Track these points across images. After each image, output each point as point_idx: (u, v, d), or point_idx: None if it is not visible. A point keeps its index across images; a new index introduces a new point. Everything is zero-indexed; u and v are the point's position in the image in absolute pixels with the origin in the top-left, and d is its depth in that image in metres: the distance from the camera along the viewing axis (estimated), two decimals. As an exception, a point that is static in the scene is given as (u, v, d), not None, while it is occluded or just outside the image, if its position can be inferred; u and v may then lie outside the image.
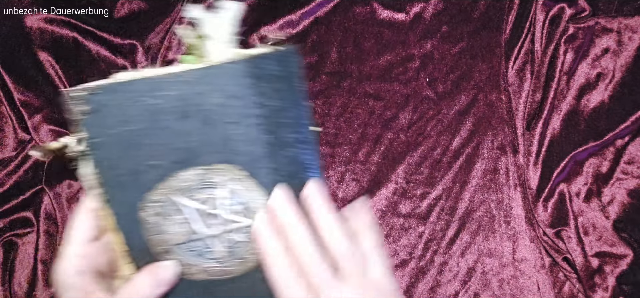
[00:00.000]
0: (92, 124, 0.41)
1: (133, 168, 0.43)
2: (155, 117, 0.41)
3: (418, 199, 0.70)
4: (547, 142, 0.71)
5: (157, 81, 0.41)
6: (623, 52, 0.70)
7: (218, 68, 0.41)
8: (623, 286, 0.67)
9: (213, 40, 0.45)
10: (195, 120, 0.42)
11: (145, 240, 0.45)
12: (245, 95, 0.41)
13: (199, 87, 0.41)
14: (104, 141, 0.42)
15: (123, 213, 0.44)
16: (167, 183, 0.43)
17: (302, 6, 0.72)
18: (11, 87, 0.70)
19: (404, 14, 0.72)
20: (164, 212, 0.45)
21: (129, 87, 0.41)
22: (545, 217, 0.70)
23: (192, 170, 0.43)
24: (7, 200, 0.70)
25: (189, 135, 0.42)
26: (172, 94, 0.41)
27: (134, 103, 0.41)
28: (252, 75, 0.41)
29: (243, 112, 0.42)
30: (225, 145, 0.43)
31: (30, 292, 0.69)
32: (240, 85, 0.41)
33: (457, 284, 0.68)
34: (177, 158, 0.43)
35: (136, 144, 0.42)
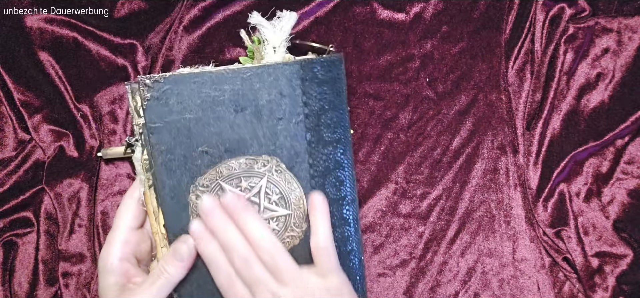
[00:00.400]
0: (153, 111, 0.45)
1: (186, 154, 0.46)
2: (213, 108, 0.45)
3: (418, 199, 0.70)
4: (547, 142, 0.71)
5: (219, 75, 0.45)
6: (623, 52, 0.70)
7: (273, 67, 0.45)
8: (623, 286, 0.67)
9: (270, 45, 0.49)
10: (249, 114, 0.46)
11: (187, 223, 0.48)
12: (294, 95, 0.46)
13: (255, 83, 0.45)
14: (162, 127, 0.45)
15: (170, 196, 0.47)
16: (216, 169, 0.47)
17: (302, 6, 0.72)
18: (11, 87, 0.70)
19: (404, 14, 0.72)
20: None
21: (193, 78, 0.45)
22: (545, 217, 0.70)
23: (240, 159, 0.47)
24: (7, 200, 0.70)
25: (241, 127, 0.46)
26: (231, 88, 0.45)
27: (195, 93, 0.45)
28: (301, 77, 0.45)
29: (290, 110, 0.46)
30: (271, 138, 0.47)
31: (30, 292, 0.69)
32: (291, 86, 0.45)
33: (457, 284, 0.69)
34: (229, 147, 0.46)
35: (192, 131, 0.46)
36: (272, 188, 0.48)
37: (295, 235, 0.50)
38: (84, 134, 0.71)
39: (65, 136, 0.71)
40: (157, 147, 0.46)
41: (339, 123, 0.49)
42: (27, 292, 0.69)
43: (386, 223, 0.70)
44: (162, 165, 0.46)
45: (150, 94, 0.45)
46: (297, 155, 0.48)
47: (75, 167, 0.71)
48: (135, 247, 0.50)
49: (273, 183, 0.48)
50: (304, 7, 0.72)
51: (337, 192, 0.50)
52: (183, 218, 0.48)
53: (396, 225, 0.70)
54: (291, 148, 0.47)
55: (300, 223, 0.49)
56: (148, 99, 0.45)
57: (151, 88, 0.44)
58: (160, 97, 0.45)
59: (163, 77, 0.44)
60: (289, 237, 0.49)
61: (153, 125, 0.45)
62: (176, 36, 0.71)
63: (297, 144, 0.47)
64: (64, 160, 0.71)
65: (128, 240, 0.50)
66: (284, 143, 0.47)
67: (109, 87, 0.72)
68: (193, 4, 0.72)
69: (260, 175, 0.47)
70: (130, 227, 0.50)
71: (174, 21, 0.71)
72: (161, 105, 0.45)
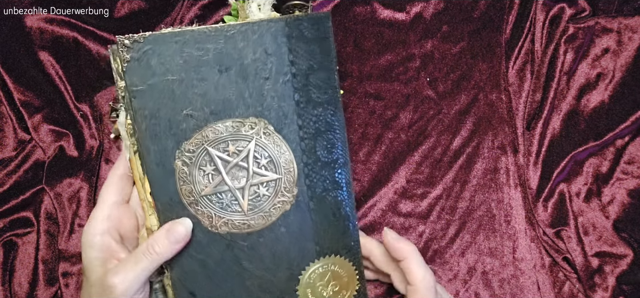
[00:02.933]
0: (134, 73, 0.43)
1: (170, 118, 0.45)
2: (196, 68, 0.43)
3: (418, 199, 0.70)
4: (547, 141, 0.71)
5: (202, 34, 0.43)
6: (623, 52, 0.70)
7: (258, 25, 0.43)
8: (623, 286, 0.67)
9: (254, 2, 0.47)
10: (234, 74, 0.44)
11: (174, 190, 0.47)
12: (280, 53, 0.44)
13: (240, 42, 0.43)
14: (144, 89, 0.44)
15: (155, 162, 0.46)
16: (202, 133, 0.45)
17: (303, 6, 0.72)
18: (11, 86, 0.70)
19: (404, 13, 0.72)
20: (195, 162, 0.46)
21: (175, 37, 0.43)
22: (545, 217, 0.70)
23: (227, 122, 0.45)
24: (7, 200, 0.70)
25: (226, 87, 0.44)
26: (214, 47, 0.43)
27: (177, 53, 0.43)
28: (288, 35, 0.44)
29: (277, 69, 0.44)
30: (258, 99, 0.45)
31: (30, 292, 0.69)
32: (276, 43, 0.44)
33: (458, 283, 0.69)
34: (214, 109, 0.45)
35: (175, 94, 0.44)
36: (260, 152, 0.47)
37: (286, 200, 0.49)
38: (84, 133, 0.71)
39: (65, 136, 0.71)
40: (140, 111, 0.44)
41: (328, 83, 0.47)
42: (27, 292, 0.69)
43: (386, 223, 0.70)
44: (146, 130, 0.45)
45: (130, 54, 0.43)
46: (285, 116, 0.46)
47: (75, 166, 0.70)
48: (119, 222, 0.49)
49: (261, 147, 0.47)
50: (304, 7, 0.72)
51: (329, 155, 0.49)
52: (170, 185, 0.47)
53: (396, 224, 0.70)
54: (279, 109, 0.46)
55: (291, 187, 0.48)
56: (128, 60, 0.43)
57: (130, 48, 0.43)
58: (141, 57, 0.43)
59: (143, 37, 0.43)
60: (279, 202, 0.48)
61: (135, 88, 0.44)
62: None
63: (285, 104, 0.46)
64: (64, 160, 0.71)
65: (111, 216, 0.48)
66: (272, 104, 0.46)
67: (109, 87, 0.72)
68: (193, 3, 0.72)
69: (248, 138, 0.46)
70: (113, 203, 0.49)
71: (174, 21, 0.71)
72: (142, 66, 0.43)
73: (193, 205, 0.48)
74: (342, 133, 0.49)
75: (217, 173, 0.47)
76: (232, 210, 0.48)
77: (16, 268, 0.70)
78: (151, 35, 0.43)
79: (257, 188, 0.48)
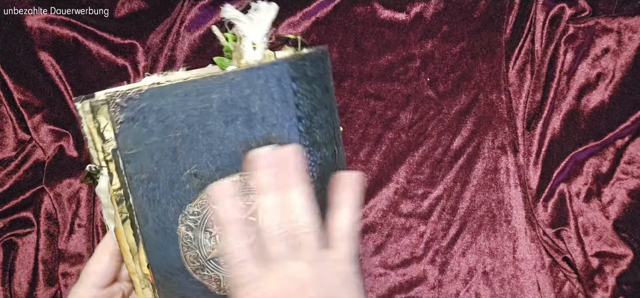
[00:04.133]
0: (128, 134, 0.38)
1: (172, 179, 0.40)
2: (201, 122, 0.39)
3: (419, 199, 0.70)
4: (547, 141, 0.71)
5: (206, 83, 0.38)
6: (623, 52, 0.70)
7: (263, 69, 0.39)
8: (623, 286, 0.67)
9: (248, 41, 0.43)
10: (240, 124, 0.40)
11: (176, 257, 0.43)
12: (286, 97, 0.40)
13: (245, 89, 0.39)
14: (141, 152, 0.39)
15: (155, 230, 0.42)
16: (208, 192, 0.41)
17: (303, 7, 0.72)
18: (11, 86, 0.70)
19: (405, 13, 0.72)
20: (201, 225, 0.42)
21: (175, 90, 0.38)
22: (545, 217, 0.70)
23: (234, 177, 0.41)
24: (7, 200, 0.70)
25: (232, 140, 0.40)
26: (219, 97, 0.39)
27: (179, 108, 0.38)
28: (293, 77, 0.40)
29: (283, 114, 0.41)
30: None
31: (30, 292, 0.69)
32: (282, 87, 0.40)
33: (459, 284, 0.69)
34: (220, 165, 0.41)
35: (177, 153, 0.40)
36: None
37: None
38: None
39: (65, 136, 0.71)
40: (136, 176, 0.39)
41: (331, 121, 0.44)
42: (27, 292, 0.69)
43: (387, 223, 0.70)
44: (143, 196, 0.40)
45: (124, 114, 0.37)
46: None
47: (75, 167, 0.70)
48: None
49: None
50: (304, 7, 0.72)
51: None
52: (171, 253, 0.42)
53: (397, 224, 0.70)
54: None
55: None
56: (121, 122, 0.38)
57: (124, 107, 0.37)
58: (136, 117, 0.38)
59: (138, 93, 0.38)
60: None
61: (129, 152, 0.39)
62: (177, 36, 0.71)
63: None
64: (64, 160, 0.70)
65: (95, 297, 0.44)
66: None
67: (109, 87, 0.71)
68: (193, 3, 0.72)
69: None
70: (97, 285, 0.45)
71: (174, 21, 0.71)
72: (138, 126, 0.38)
73: (198, 271, 0.44)
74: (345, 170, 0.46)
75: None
76: None
77: (16, 269, 0.69)
78: (148, 90, 0.38)
79: None
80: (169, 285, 0.44)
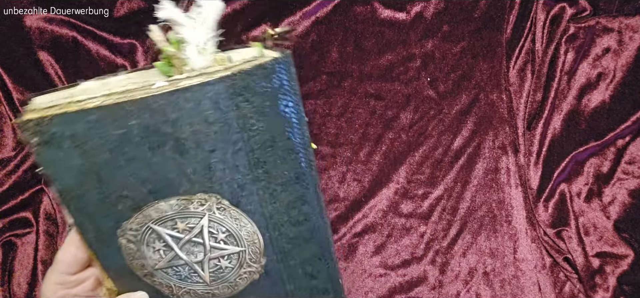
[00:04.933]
0: (46, 156, 0.35)
1: (100, 199, 0.37)
2: (120, 148, 0.35)
3: (419, 199, 0.70)
4: (547, 141, 0.71)
5: (120, 109, 0.34)
6: (624, 51, 0.70)
7: (191, 91, 0.34)
8: (624, 286, 0.67)
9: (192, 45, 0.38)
10: (169, 150, 0.36)
11: (123, 264, 0.41)
12: (225, 120, 0.35)
13: (170, 113, 0.35)
14: (61, 173, 0.36)
15: (96, 239, 0.40)
16: (144, 212, 0.38)
17: (303, 6, 0.72)
18: (10, 86, 0.70)
19: (405, 13, 0.72)
20: (141, 240, 0.40)
21: (86, 117, 0.34)
22: (546, 217, 0.70)
23: (170, 200, 0.38)
24: (7, 200, 0.69)
25: (162, 165, 0.36)
26: (139, 123, 0.35)
27: (93, 134, 0.35)
28: (230, 96, 0.35)
29: (223, 138, 0.36)
30: (204, 174, 0.37)
31: (29, 293, 0.68)
32: (219, 109, 0.35)
33: (459, 284, 0.68)
34: (152, 188, 0.37)
35: (101, 176, 0.36)
36: (216, 227, 0.40)
37: (253, 270, 0.43)
38: (83, 133, 0.71)
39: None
40: (64, 194, 0.37)
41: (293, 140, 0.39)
42: (26, 292, 0.68)
43: (387, 223, 0.69)
44: (77, 210, 0.38)
45: (37, 138, 0.34)
46: (242, 188, 0.38)
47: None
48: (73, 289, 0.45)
49: (216, 222, 0.40)
50: (304, 7, 0.72)
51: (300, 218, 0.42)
52: (117, 260, 0.40)
53: (397, 225, 0.69)
54: (233, 182, 0.38)
55: (257, 258, 0.42)
56: (37, 144, 0.35)
57: (37, 132, 0.34)
58: (50, 140, 0.35)
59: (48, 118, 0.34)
60: (246, 272, 0.43)
61: (50, 173, 0.36)
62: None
63: (239, 176, 0.38)
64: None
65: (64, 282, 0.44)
66: (223, 177, 0.38)
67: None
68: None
69: (199, 215, 0.39)
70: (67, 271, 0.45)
71: (174, 20, 0.71)
72: (54, 149, 0.35)
73: (148, 277, 0.42)
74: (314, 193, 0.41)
75: (169, 249, 0.41)
76: (192, 281, 0.43)
77: (15, 269, 0.69)
78: (56, 115, 0.34)
79: (218, 261, 0.42)
80: (123, 282, 0.43)
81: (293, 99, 0.37)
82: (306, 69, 0.73)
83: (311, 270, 0.44)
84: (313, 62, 0.73)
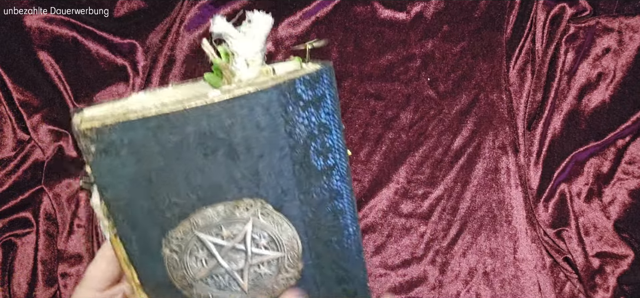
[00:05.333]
0: (101, 165, 0.37)
1: (149, 207, 0.39)
2: (176, 155, 0.38)
3: (419, 199, 0.70)
4: (547, 141, 0.71)
5: (180, 116, 0.36)
6: (624, 51, 0.70)
7: (246, 98, 0.37)
8: (624, 286, 0.67)
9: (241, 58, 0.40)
10: (221, 155, 0.38)
11: (164, 275, 0.42)
12: (275, 126, 0.38)
13: (226, 120, 0.37)
14: (114, 182, 0.38)
15: (139, 250, 0.41)
16: (190, 220, 0.40)
17: (303, 6, 0.72)
18: (10, 86, 0.70)
19: (405, 13, 0.72)
20: (185, 249, 0.42)
21: (146, 124, 0.36)
22: (546, 217, 0.70)
23: (217, 206, 0.40)
24: (7, 200, 0.69)
25: (213, 171, 0.38)
26: (196, 129, 0.37)
27: (151, 141, 0.37)
28: (282, 103, 0.37)
29: (272, 144, 0.38)
30: (252, 179, 0.40)
31: (29, 293, 0.68)
32: (269, 115, 0.37)
33: (459, 284, 0.68)
34: (201, 195, 0.39)
35: (153, 183, 0.38)
36: (259, 233, 0.42)
37: (290, 276, 0.45)
38: (83, 133, 0.71)
39: (64, 136, 0.71)
40: (114, 203, 0.39)
41: (332, 147, 0.41)
42: (26, 292, 0.68)
43: (387, 223, 0.69)
44: (124, 220, 0.40)
45: (95, 146, 0.36)
46: (285, 193, 0.41)
47: (74, 167, 0.70)
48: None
49: (260, 228, 0.42)
50: (304, 7, 0.72)
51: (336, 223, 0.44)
52: (158, 271, 0.42)
53: (397, 225, 0.69)
54: (277, 186, 0.40)
55: (295, 263, 0.44)
56: (93, 153, 0.36)
57: (94, 140, 0.36)
58: (108, 149, 0.36)
59: (109, 126, 0.36)
60: (283, 278, 0.44)
61: (104, 181, 0.38)
62: (177, 36, 0.71)
63: (283, 181, 0.40)
64: (63, 160, 0.70)
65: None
66: (269, 182, 0.40)
67: (108, 87, 0.71)
68: (193, 3, 0.71)
69: (244, 220, 0.41)
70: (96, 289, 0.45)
71: (174, 20, 0.71)
72: (110, 158, 0.37)
73: (187, 289, 0.44)
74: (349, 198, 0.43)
75: (211, 257, 0.42)
76: (231, 289, 0.44)
77: (15, 269, 0.69)
78: (118, 123, 0.36)
79: (258, 268, 0.43)
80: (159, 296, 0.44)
81: (334, 107, 0.40)
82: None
83: (343, 274, 0.46)
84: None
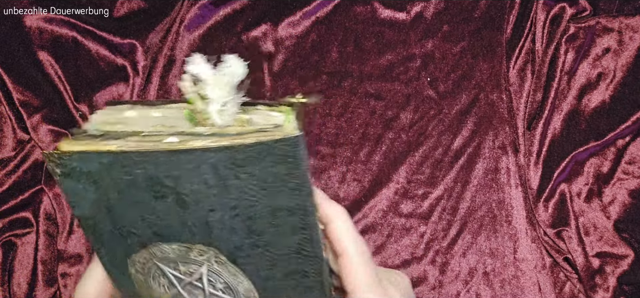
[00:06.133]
0: (66, 186, 0.38)
1: (112, 231, 0.40)
2: (128, 192, 0.38)
3: (419, 199, 0.70)
4: (548, 141, 0.71)
5: (128, 158, 0.36)
6: (624, 51, 0.70)
7: (191, 154, 0.35)
8: (624, 286, 0.67)
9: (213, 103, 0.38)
10: (171, 202, 0.38)
11: (134, 289, 0.43)
12: (224, 186, 0.36)
13: (173, 170, 0.36)
14: (80, 203, 0.39)
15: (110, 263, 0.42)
16: (149, 250, 0.40)
17: (303, 6, 0.72)
18: (10, 86, 0.70)
19: (405, 13, 0.72)
20: (148, 273, 0.42)
21: (100, 158, 0.37)
22: (546, 217, 0.69)
23: (172, 244, 0.40)
24: (6, 200, 0.69)
25: (165, 213, 0.38)
26: (144, 173, 0.37)
27: (105, 174, 0.37)
28: (231, 166, 0.36)
29: (222, 203, 0.37)
30: (203, 229, 0.39)
31: (29, 293, 0.68)
32: (218, 175, 0.36)
33: (459, 284, 0.68)
34: (157, 231, 0.39)
35: (112, 212, 0.39)
36: (215, 278, 0.41)
37: None
38: (83, 133, 0.71)
39: (64, 136, 0.71)
40: (82, 220, 0.40)
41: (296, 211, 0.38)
42: (26, 292, 0.68)
43: (387, 223, 0.69)
44: (92, 234, 0.40)
45: (60, 170, 0.38)
46: (238, 249, 0.40)
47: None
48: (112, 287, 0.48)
49: (215, 273, 0.41)
50: (304, 7, 0.72)
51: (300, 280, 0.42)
52: (128, 285, 0.43)
53: (397, 225, 0.69)
54: (230, 241, 0.39)
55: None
56: (58, 174, 0.38)
57: (58, 164, 0.37)
58: (70, 173, 0.38)
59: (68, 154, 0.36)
60: None
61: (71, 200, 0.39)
62: (177, 36, 0.71)
63: (236, 238, 0.39)
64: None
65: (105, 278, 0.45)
66: (221, 235, 0.39)
67: (108, 87, 0.71)
68: (193, 3, 0.71)
69: (199, 263, 0.41)
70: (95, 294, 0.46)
71: (174, 20, 0.71)
72: (73, 182, 0.38)
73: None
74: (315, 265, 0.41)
75: (172, 286, 0.42)
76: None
77: (15, 269, 0.69)
78: (76, 153, 0.37)
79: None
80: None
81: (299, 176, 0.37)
82: (306, 69, 0.73)
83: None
84: (313, 62, 0.73)
